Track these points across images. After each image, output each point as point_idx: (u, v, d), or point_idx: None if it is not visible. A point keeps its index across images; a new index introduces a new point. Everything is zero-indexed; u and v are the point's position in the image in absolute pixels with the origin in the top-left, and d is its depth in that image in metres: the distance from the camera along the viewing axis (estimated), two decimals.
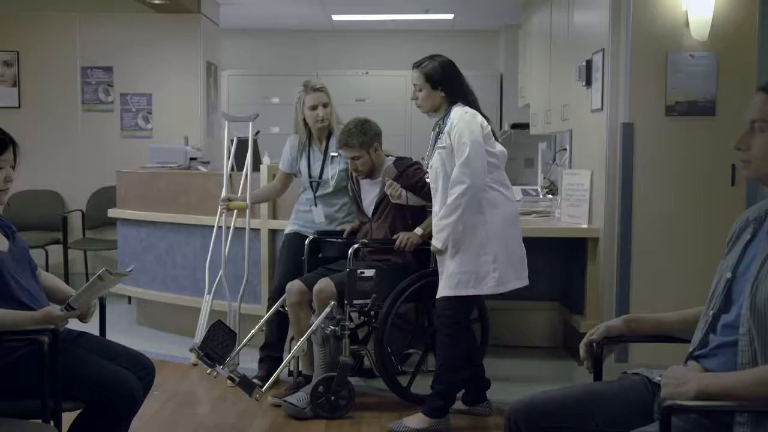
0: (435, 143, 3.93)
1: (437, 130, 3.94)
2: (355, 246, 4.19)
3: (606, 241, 4.59)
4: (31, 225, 7.51)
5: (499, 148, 3.93)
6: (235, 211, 5.29)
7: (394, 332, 4.31)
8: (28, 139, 7.65)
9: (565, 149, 7.38)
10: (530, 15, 7.69)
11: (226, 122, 5.54)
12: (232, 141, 5.51)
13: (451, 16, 9.15)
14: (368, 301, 4.19)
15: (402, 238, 4.18)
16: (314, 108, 4.56)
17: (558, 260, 5.44)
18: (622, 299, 4.41)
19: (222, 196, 5.04)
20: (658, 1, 4.30)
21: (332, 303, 4.14)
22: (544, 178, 7.63)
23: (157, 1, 7.18)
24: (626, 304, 4.41)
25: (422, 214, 4.27)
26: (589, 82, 4.93)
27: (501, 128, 9.10)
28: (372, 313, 4.27)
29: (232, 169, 5.44)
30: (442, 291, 3.90)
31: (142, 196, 6.04)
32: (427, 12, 8.80)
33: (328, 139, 4.63)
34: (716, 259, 2.19)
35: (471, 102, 3.91)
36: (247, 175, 5.11)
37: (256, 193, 5.07)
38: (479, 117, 3.83)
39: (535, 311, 5.52)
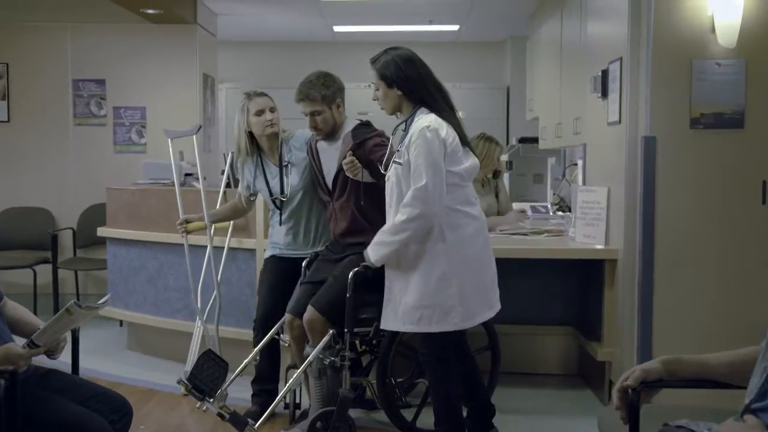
0: (396, 150, 3.57)
1: (397, 134, 3.61)
2: (356, 269, 3.86)
3: (625, 264, 4.28)
4: (19, 243, 7.28)
5: (467, 163, 3.53)
6: (230, 230, 5.02)
7: (398, 360, 4.00)
8: (17, 154, 7.49)
9: (576, 164, 7.14)
10: (539, 25, 7.50)
11: (170, 140, 5.07)
12: (224, 155, 5.25)
13: (456, 28, 8.95)
14: (370, 329, 3.88)
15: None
16: (260, 113, 4.24)
17: (572, 282, 5.15)
18: (644, 326, 4.09)
19: (180, 218, 4.74)
20: (682, 5, 4.00)
21: (331, 332, 3.82)
22: (554, 194, 7.41)
23: (151, 11, 6.91)
24: (648, 331, 4.09)
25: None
26: (605, 93, 4.63)
27: (508, 142, 8.86)
28: (374, 341, 3.95)
29: (228, 186, 5.17)
30: (401, 325, 3.57)
31: (133, 214, 5.76)
32: (431, 23, 8.59)
33: (280, 147, 4.32)
34: (746, 283, 1.87)
35: (437, 103, 3.51)
36: (201, 192, 4.79)
37: (216, 212, 4.75)
38: (443, 130, 3.43)
39: (547, 336, 5.23)
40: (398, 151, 3.52)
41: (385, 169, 3.60)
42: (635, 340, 4.16)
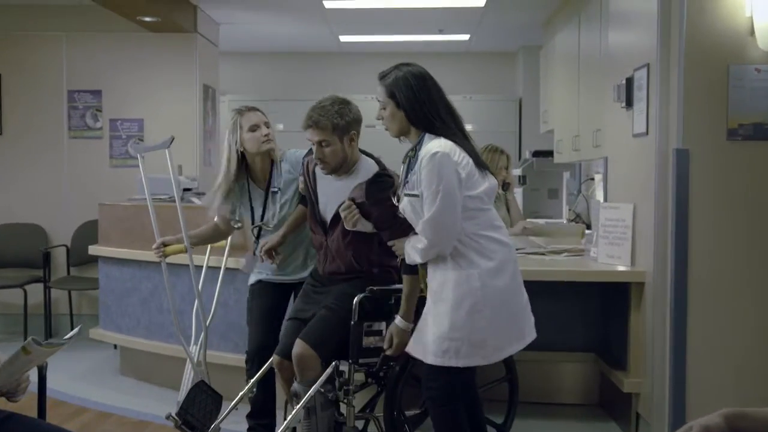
0: (405, 181, 3.22)
1: (407, 163, 3.22)
2: (361, 295, 3.54)
3: (655, 286, 3.94)
4: (10, 261, 7.02)
5: (485, 185, 3.18)
6: (226, 250, 4.70)
7: (407, 391, 3.66)
8: (9, 167, 7.21)
9: (593, 179, 6.88)
10: (553, 35, 7.28)
11: (139, 156, 4.59)
12: None
13: (466, 37, 8.68)
14: (377, 359, 3.54)
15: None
16: (255, 128, 3.90)
17: (593, 305, 4.83)
18: (677, 356, 3.74)
19: (156, 242, 4.20)
20: (717, 5, 3.67)
21: (333, 363, 3.49)
22: (570, 210, 7.12)
23: (148, 19, 6.62)
24: (682, 362, 3.74)
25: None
26: (629, 103, 4.31)
27: (521, 156, 8.57)
28: (381, 373, 3.62)
29: None
30: (425, 356, 3.19)
31: (126, 232, 5.47)
32: (441, 33, 8.31)
33: (270, 170, 3.97)
34: None
35: (448, 129, 3.15)
36: (178, 210, 4.23)
37: (196, 233, 4.28)
38: (455, 154, 3.08)
39: (567, 363, 4.90)
40: (407, 182, 3.20)
41: (397, 202, 3.27)
42: (667, 370, 3.82)
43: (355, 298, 3.51)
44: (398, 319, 3.36)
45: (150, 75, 7.20)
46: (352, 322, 3.51)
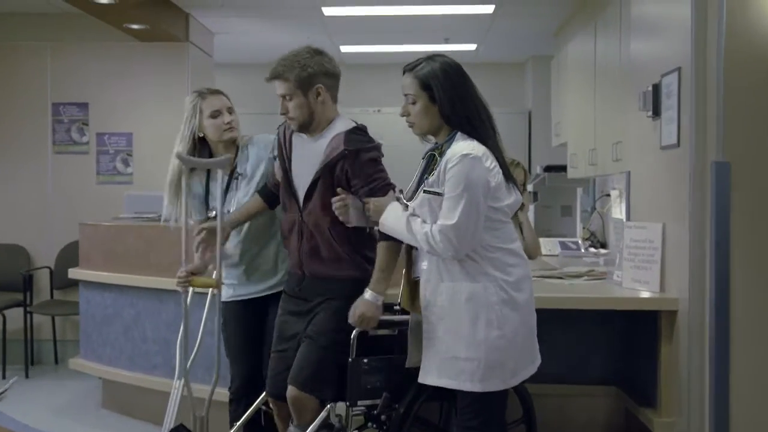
0: (422, 177, 2.93)
1: (429, 159, 2.94)
2: (358, 330, 3.13)
3: (691, 315, 3.52)
4: None
5: (510, 199, 2.92)
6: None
7: None
8: None
9: (609, 195, 6.50)
10: (565, 44, 7.00)
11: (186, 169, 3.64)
12: None
13: (473, 47, 8.42)
14: (378, 401, 3.13)
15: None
16: (217, 114, 3.57)
17: (615, 334, 4.42)
18: (718, 393, 3.33)
19: (181, 268, 3.51)
20: (761, 1, 3.27)
21: (328, 406, 3.08)
22: (584, 228, 6.77)
23: (136, 26, 6.29)
24: (724, 399, 3.33)
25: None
26: (657, 112, 3.92)
27: (531, 171, 8.19)
28: (383, 416, 3.20)
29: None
30: (440, 377, 2.90)
31: (108, 254, 5.10)
32: (447, 42, 7.98)
33: (235, 156, 3.62)
34: None
35: (484, 129, 2.87)
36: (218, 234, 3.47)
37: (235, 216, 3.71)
38: (487, 160, 2.83)
39: (586, 398, 4.46)
40: (427, 179, 2.90)
41: (409, 199, 2.97)
42: (706, 409, 3.40)
43: (353, 333, 3.10)
44: (368, 292, 3.06)
45: (139, 87, 6.90)
46: (350, 359, 3.11)
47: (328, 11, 6.73)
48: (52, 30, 6.85)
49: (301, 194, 3.21)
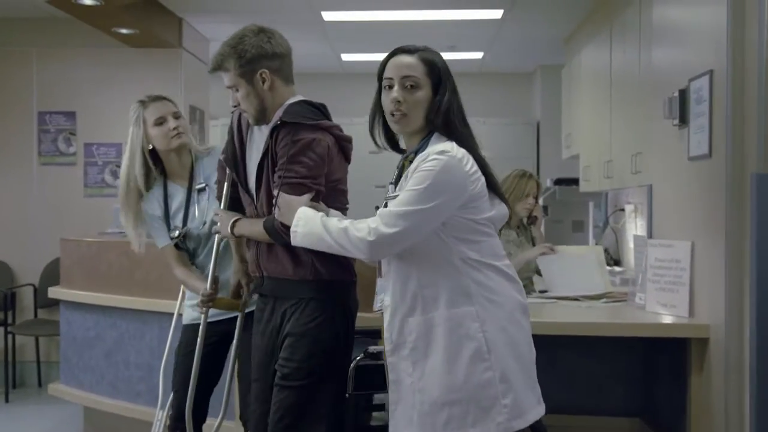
0: (387, 185, 2.55)
1: (402, 166, 2.50)
2: (359, 357, 2.80)
3: (726, 344, 3.18)
4: None
5: (492, 211, 2.47)
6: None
7: None
8: None
9: (623, 209, 6.20)
10: (576, 52, 6.74)
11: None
12: None
13: (480, 55, 8.15)
14: None
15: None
16: (161, 121, 3.24)
17: (637, 360, 4.13)
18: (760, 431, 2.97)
19: (205, 288, 3.08)
20: None
21: None
22: (596, 244, 6.46)
23: (125, 31, 6.00)
24: None
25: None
26: (684, 120, 3.58)
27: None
28: None
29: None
30: None
31: (90, 272, 4.77)
32: (452, 50, 7.69)
33: (192, 166, 3.30)
34: None
35: (467, 133, 2.46)
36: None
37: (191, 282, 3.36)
38: (468, 163, 2.38)
39: (606, 430, 4.18)
40: (392, 184, 2.50)
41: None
42: None
43: (352, 364, 2.75)
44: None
45: (129, 95, 6.29)
46: (347, 394, 2.76)
47: (328, 16, 6.46)
48: (37, 35, 6.60)
49: (253, 185, 2.82)
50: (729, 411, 3.18)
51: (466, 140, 2.44)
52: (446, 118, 2.43)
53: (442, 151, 2.36)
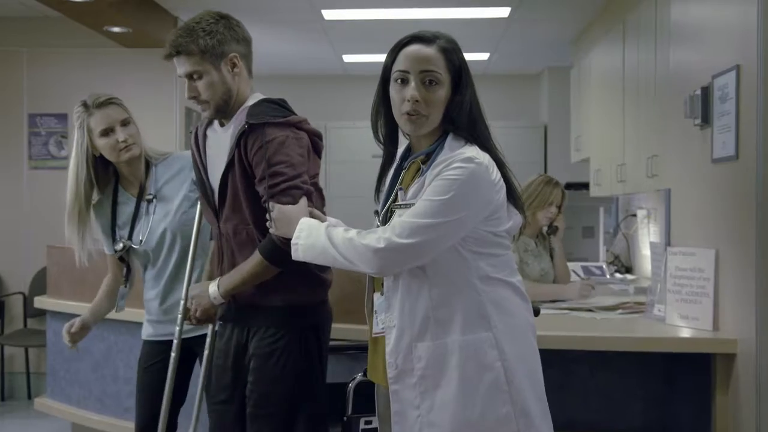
0: (395, 191, 2.25)
1: (408, 168, 2.26)
2: (359, 376, 2.57)
3: (757, 359, 2.97)
4: None
5: (510, 222, 2.23)
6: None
7: None
8: None
9: (635, 215, 6.02)
10: (586, 54, 6.63)
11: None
12: None
13: (485, 56, 8.03)
14: None
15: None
16: (108, 131, 3.00)
17: (656, 376, 3.89)
18: None
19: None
20: None
21: None
22: (607, 251, 6.35)
23: (117, 29, 5.85)
24: None
25: None
26: (706, 119, 3.36)
27: None
28: None
29: None
30: None
31: (77, 281, 4.57)
32: None
33: (145, 173, 3.09)
34: None
35: (487, 135, 2.22)
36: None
37: (98, 309, 3.36)
38: (493, 173, 2.15)
39: None
40: (401, 189, 2.23)
41: (384, 221, 2.25)
42: None
43: (350, 384, 2.53)
44: (213, 288, 2.50)
45: (124, 96, 6.08)
46: (345, 417, 2.53)
47: (328, 14, 6.31)
48: (28, 35, 6.46)
49: (216, 199, 2.60)
50: (760, 429, 2.95)
51: (487, 142, 2.21)
52: (471, 118, 2.19)
53: (469, 158, 2.11)
